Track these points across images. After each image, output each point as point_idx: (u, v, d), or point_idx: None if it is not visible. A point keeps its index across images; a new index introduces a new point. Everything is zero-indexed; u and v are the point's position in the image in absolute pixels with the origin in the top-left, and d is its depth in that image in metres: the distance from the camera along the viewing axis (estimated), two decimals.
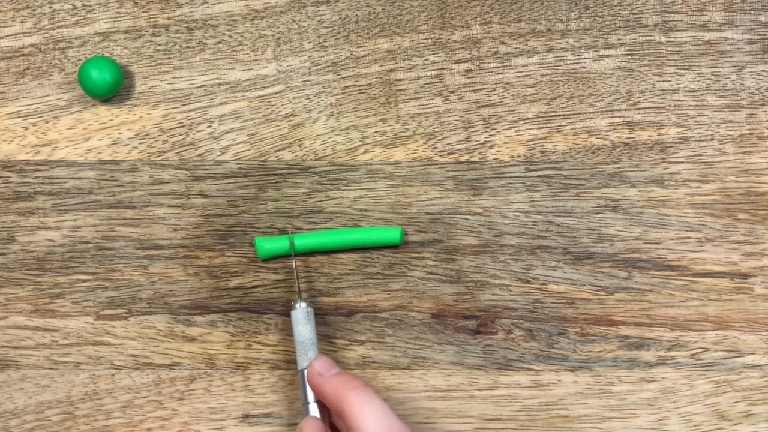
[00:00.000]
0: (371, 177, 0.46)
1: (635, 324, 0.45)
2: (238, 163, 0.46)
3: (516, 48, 0.46)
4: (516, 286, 0.45)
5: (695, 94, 0.46)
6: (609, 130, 0.46)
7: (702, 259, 0.45)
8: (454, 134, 0.46)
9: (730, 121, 0.46)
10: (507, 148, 0.46)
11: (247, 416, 0.44)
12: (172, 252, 0.45)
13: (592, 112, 0.46)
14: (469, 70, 0.46)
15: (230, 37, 0.46)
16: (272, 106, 0.46)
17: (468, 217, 0.45)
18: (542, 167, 0.45)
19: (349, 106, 0.46)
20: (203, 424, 0.44)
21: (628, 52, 0.46)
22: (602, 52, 0.46)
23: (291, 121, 0.46)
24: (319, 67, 0.46)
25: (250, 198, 0.45)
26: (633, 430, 0.44)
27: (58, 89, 0.46)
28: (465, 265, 0.45)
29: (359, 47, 0.46)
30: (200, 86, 0.46)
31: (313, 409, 0.41)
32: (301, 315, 0.42)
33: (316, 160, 0.46)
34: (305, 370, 0.41)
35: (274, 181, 0.45)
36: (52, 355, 0.45)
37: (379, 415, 0.37)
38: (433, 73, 0.46)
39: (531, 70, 0.46)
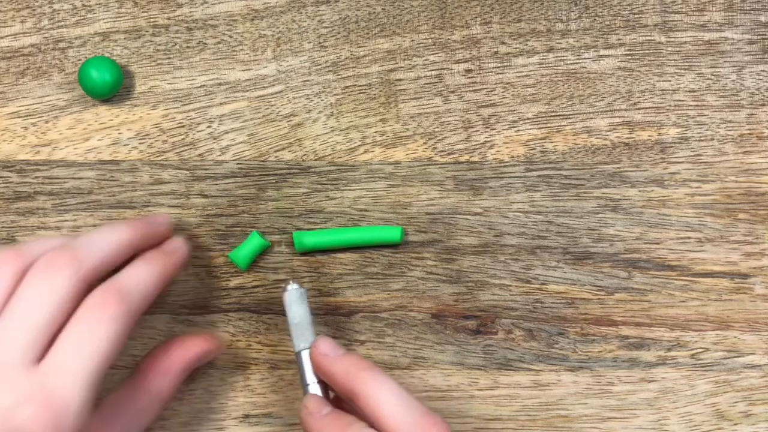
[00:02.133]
0: (371, 177, 0.46)
1: (635, 324, 0.45)
2: (238, 163, 0.46)
3: (516, 48, 0.46)
4: (516, 286, 0.45)
5: (695, 94, 0.46)
6: (609, 130, 0.46)
7: (702, 259, 0.45)
8: (454, 134, 0.46)
9: (730, 121, 0.46)
10: (507, 148, 0.46)
11: (247, 416, 0.44)
12: None
13: (592, 112, 0.46)
14: (469, 70, 0.46)
15: (230, 37, 0.46)
16: (272, 106, 0.46)
17: (468, 217, 0.45)
18: (542, 167, 0.45)
19: (349, 106, 0.46)
20: (203, 424, 0.44)
21: (628, 52, 0.46)
22: (602, 52, 0.46)
23: (291, 121, 0.46)
24: (319, 67, 0.46)
25: (250, 198, 0.45)
26: (633, 430, 0.44)
27: (58, 89, 0.46)
28: (465, 265, 0.45)
29: (359, 47, 0.46)
30: (200, 86, 0.46)
31: (314, 390, 0.40)
32: (295, 296, 0.41)
33: (316, 160, 0.46)
34: (303, 352, 0.40)
35: (274, 181, 0.45)
36: None
37: (396, 394, 0.36)
38: (433, 73, 0.46)
39: (531, 70, 0.46)
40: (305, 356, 0.40)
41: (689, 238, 0.45)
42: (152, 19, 0.46)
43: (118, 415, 0.39)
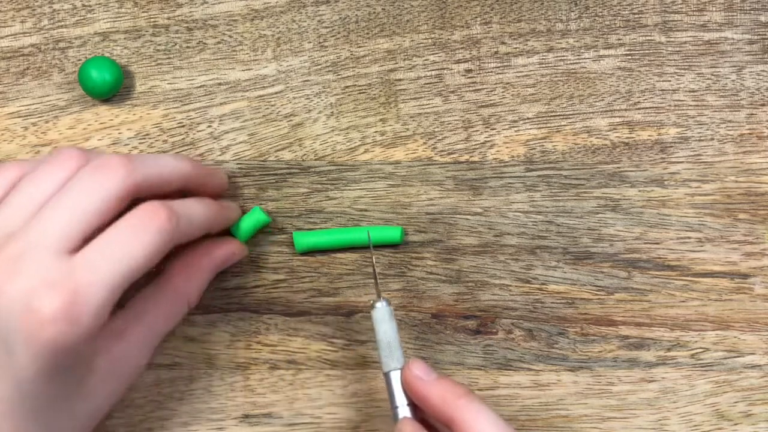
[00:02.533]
0: (371, 177, 0.46)
1: (635, 324, 0.45)
2: (238, 163, 0.46)
3: (516, 48, 0.46)
4: (516, 286, 0.45)
5: (695, 94, 0.46)
6: (609, 130, 0.46)
7: (702, 259, 0.45)
8: (454, 134, 0.46)
9: (730, 121, 0.46)
10: (507, 148, 0.46)
11: (246, 416, 0.44)
12: None
13: (592, 112, 0.46)
14: (469, 70, 0.46)
15: (230, 37, 0.46)
16: (272, 106, 0.46)
17: (468, 217, 0.45)
18: (542, 167, 0.45)
19: (349, 106, 0.46)
20: (203, 424, 0.44)
21: (628, 52, 0.46)
22: (602, 52, 0.46)
23: (291, 121, 0.46)
24: (319, 67, 0.46)
25: (250, 198, 0.45)
26: (633, 430, 0.44)
27: (58, 89, 0.46)
28: (465, 265, 0.45)
29: (359, 47, 0.46)
30: (200, 86, 0.46)
31: (404, 412, 0.39)
32: (385, 313, 0.40)
33: (316, 160, 0.46)
34: (392, 373, 0.39)
35: (274, 181, 0.45)
36: None
37: (495, 423, 0.36)
38: (433, 73, 0.46)
39: (531, 70, 0.46)
40: (395, 377, 0.39)
41: (689, 238, 0.45)
42: (152, 19, 0.46)
43: (145, 315, 0.39)
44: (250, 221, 0.44)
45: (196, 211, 0.39)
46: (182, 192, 0.40)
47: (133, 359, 0.39)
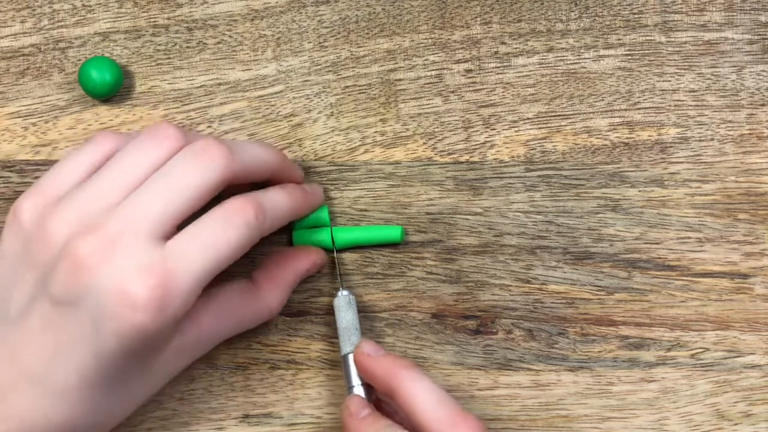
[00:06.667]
0: (371, 177, 0.46)
1: (635, 324, 0.45)
2: None
3: (516, 48, 0.46)
4: (516, 286, 0.45)
5: (695, 94, 0.46)
6: (609, 130, 0.46)
7: (702, 259, 0.45)
8: (454, 134, 0.46)
9: (730, 121, 0.46)
10: (507, 148, 0.46)
11: (246, 416, 0.44)
12: None
13: (592, 112, 0.46)
14: (469, 70, 0.46)
15: (230, 37, 0.46)
16: (272, 106, 0.46)
17: (468, 217, 0.45)
18: (542, 167, 0.45)
19: (349, 106, 0.46)
20: (203, 424, 0.44)
21: (628, 52, 0.46)
22: (602, 52, 0.46)
23: (291, 121, 0.46)
24: (319, 67, 0.46)
25: None
26: (633, 430, 0.44)
27: (58, 89, 0.46)
28: (465, 265, 0.45)
29: (359, 47, 0.46)
30: (200, 86, 0.46)
31: (358, 392, 0.41)
32: (344, 302, 0.42)
33: (316, 160, 0.46)
34: (349, 355, 0.41)
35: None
36: None
37: (432, 390, 0.37)
38: (433, 73, 0.46)
39: (531, 70, 0.46)
40: (351, 359, 0.41)
41: (689, 238, 0.45)
42: (152, 19, 0.46)
43: (225, 312, 0.40)
44: (312, 219, 0.44)
45: (282, 204, 0.40)
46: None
47: (200, 347, 0.40)
